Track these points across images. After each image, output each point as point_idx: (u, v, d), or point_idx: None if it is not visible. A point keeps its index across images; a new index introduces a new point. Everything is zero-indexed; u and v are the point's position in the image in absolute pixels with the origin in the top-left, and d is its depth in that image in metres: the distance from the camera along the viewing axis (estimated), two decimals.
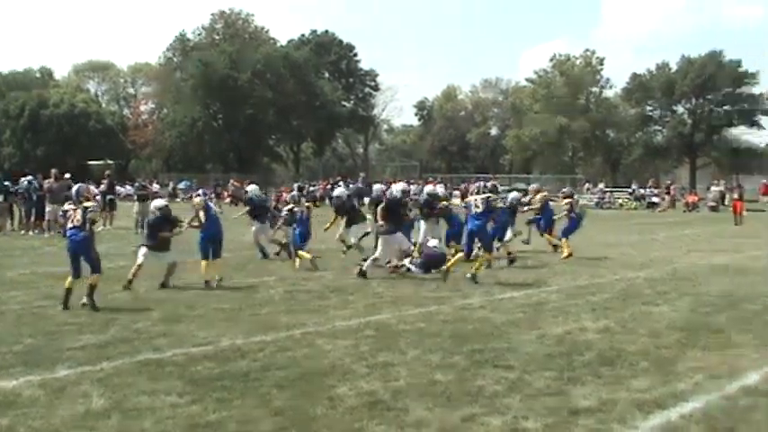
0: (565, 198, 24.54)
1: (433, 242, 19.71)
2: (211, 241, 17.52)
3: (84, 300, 13.75)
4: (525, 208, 24.10)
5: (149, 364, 9.89)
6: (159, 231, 17.07)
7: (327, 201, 60.56)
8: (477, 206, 18.18)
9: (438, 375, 9.30)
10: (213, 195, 55.58)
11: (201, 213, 17.64)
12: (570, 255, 22.12)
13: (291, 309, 14.03)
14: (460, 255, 18.92)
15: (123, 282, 15.86)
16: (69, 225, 14.16)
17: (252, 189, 23.99)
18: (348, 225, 22.44)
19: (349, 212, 22.67)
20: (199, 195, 19.31)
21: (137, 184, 40.56)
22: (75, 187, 15.23)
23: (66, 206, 14.54)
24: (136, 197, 35.55)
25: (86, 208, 14.11)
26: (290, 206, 21.86)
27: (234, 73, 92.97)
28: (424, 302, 14.74)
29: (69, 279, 13.92)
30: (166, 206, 17.90)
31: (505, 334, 11.78)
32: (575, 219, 23.35)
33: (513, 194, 23.99)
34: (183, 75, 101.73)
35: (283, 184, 79.49)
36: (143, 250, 16.83)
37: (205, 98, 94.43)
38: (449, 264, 17.96)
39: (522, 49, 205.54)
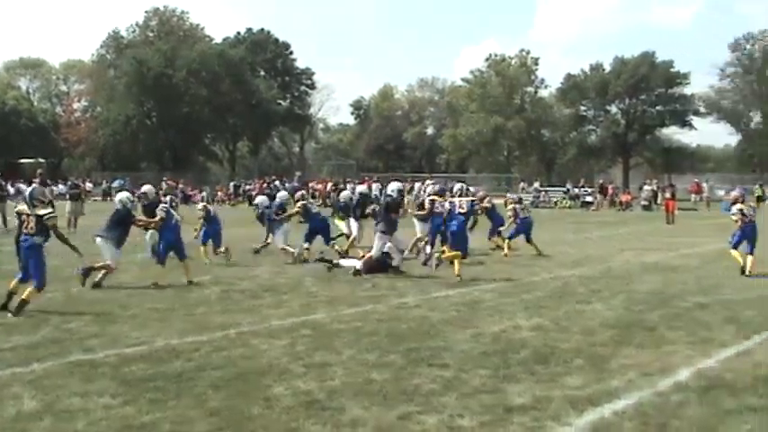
0: (511, 204, 24.81)
1: (386, 246, 19.76)
2: (171, 248, 17.75)
3: (11, 307, 13.22)
4: (476, 207, 24.32)
5: (82, 365, 9.76)
6: (127, 223, 17.33)
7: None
8: (461, 207, 19.07)
9: (374, 374, 9.30)
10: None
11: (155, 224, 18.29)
12: (505, 255, 22.38)
13: (226, 308, 13.96)
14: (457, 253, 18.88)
15: (55, 281, 15.62)
16: (24, 230, 13.71)
17: (147, 189, 23.66)
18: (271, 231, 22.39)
19: (266, 220, 22.59)
20: (165, 203, 19.42)
21: (69, 183, 40.03)
22: (29, 189, 14.97)
23: (21, 207, 14.19)
24: (68, 196, 35.11)
25: (40, 216, 13.65)
26: (203, 204, 22.16)
27: (168, 71, 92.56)
28: (360, 302, 14.74)
29: (15, 281, 13.66)
30: (133, 201, 18.37)
31: (441, 332, 11.81)
32: (521, 225, 23.55)
33: (458, 185, 24.20)
34: (116, 72, 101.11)
35: (219, 183, 79.24)
36: (112, 252, 16.84)
37: (139, 96, 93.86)
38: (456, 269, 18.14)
39: (458, 48, 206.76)
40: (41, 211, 13.76)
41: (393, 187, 20.43)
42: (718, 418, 7.78)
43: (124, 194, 18.18)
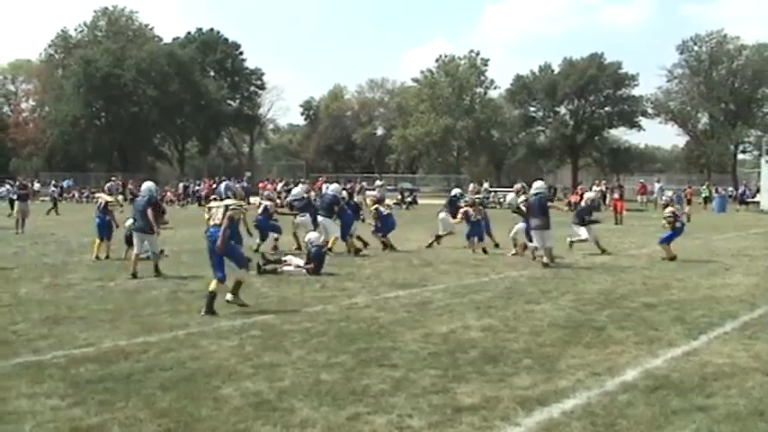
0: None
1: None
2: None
3: (229, 297, 13.85)
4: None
5: (29, 366, 9.67)
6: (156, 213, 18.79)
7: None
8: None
9: (323, 375, 9.29)
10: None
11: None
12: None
13: (175, 309, 13.87)
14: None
15: (2, 283, 15.50)
16: (211, 223, 14.21)
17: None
18: None
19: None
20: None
21: (17, 183, 39.59)
22: (222, 185, 16.00)
23: (212, 204, 14.81)
24: (16, 196, 34.72)
25: (228, 206, 14.04)
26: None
27: (117, 71, 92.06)
28: (310, 302, 14.71)
29: (214, 282, 13.80)
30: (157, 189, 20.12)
31: (391, 333, 11.82)
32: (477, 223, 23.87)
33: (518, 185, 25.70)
34: (65, 72, 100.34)
35: (168, 184, 78.79)
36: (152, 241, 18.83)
37: (88, 96, 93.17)
38: None
39: (408, 49, 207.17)
40: (228, 202, 14.24)
41: (540, 185, 22.18)
42: (665, 418, 7.84)
43: (151, 184, 19.56)
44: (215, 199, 15.41)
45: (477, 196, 26.64)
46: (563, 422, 7.72)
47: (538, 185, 21.53)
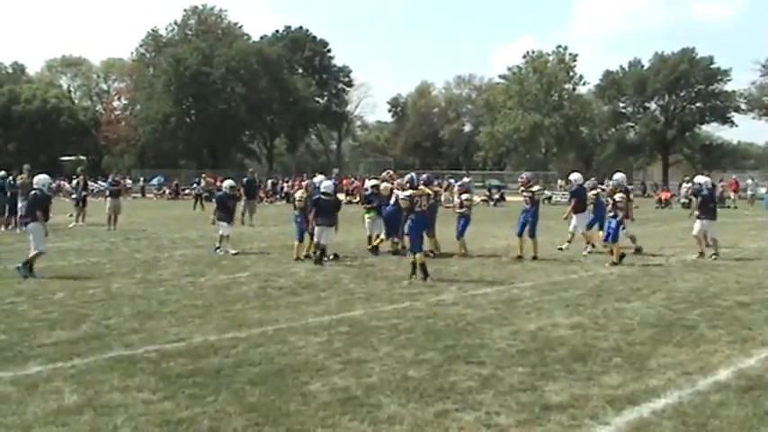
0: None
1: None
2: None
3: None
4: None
5: (121, 360, 9.83)
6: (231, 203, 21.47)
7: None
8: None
9: (411, 371, 9.29)
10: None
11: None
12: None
13: (264, 305, 13.98)
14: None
15: (97, 278, 15.73)
16: (418, 209, 16.99)
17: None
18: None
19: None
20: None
21: (109, 180, 40.10)
22: (413, 174, 18.09)
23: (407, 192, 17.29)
24: (108, 193, 35.17)
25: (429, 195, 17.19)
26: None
27: (207, 69, 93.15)
28: (397, 299, 14.70)
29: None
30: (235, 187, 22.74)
31: (478, 330, 11.77)
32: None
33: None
34: (155, 71, 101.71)
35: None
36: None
37: (178, 94, 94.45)
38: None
39: (496, 45, 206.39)
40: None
41: (705, 180, 23.73)
42: (758, 419, 7.71)
43: (230, 182, 23.19)
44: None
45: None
46: (653, 422, 7.63)
47: (704, 180, 23.58)
